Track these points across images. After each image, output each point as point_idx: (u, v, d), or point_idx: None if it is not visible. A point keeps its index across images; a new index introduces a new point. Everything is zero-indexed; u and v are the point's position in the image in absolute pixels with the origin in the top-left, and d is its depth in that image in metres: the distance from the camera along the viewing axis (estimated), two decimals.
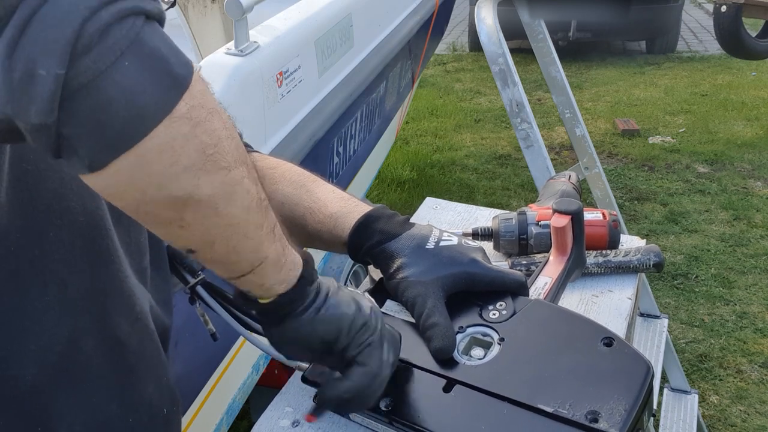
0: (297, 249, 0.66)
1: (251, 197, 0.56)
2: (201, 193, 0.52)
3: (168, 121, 0.48)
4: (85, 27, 0.44)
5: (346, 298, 0.68)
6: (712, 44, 6.88)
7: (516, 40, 3.86)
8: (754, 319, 3.08)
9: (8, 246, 0.59)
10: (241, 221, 0.56)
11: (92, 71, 0.45)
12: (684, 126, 5.29)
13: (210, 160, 0.51)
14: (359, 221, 0.83)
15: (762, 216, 3.93)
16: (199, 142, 0.50)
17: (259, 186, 0.58)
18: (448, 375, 0.75)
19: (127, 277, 0.70)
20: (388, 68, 2.78)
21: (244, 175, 0.55)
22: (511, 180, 4.54)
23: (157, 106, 0.48)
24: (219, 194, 0.53)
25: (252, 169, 0.57)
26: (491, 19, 1.85)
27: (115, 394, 0.68)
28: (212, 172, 0.52)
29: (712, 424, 2.53)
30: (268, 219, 0.59)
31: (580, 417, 0.67)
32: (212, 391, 1.73)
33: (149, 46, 0.47)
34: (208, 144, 0.51)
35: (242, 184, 0.55)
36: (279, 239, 0.61)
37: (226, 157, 0.52)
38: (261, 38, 1.83)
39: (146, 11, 0.48)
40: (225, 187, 0.53)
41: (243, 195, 0.55)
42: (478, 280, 0.81)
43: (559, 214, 0.92)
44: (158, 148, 0.48)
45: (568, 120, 2.31)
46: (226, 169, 0.53)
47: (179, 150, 0.49)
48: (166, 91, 0.48)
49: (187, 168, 0.50)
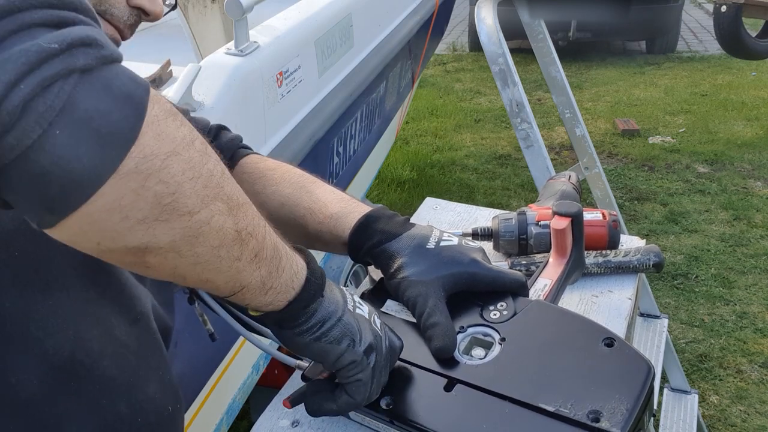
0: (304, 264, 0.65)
1: (223, 234, 0.53)
2: (159, 241, 0.50)
3: (114, 180, 0.46)
4: (2, 106, 0.43)
5: (342, 331, 0.67)
6: (712, 44, 6.88)
7: (516, 40, 3.86)
8: (754, 319, 3.08)
9: (12, 251, 0.59)
10: (210, 258, 0.54)
11: (19, 147, 0.43)
12: (684, 126, 5.30)
13: (167, 209, 0.49)
14: (359, 221, 0.83)
15: (762, 216, 3.93)
16: (152, 194, 0.48)
17: (240, 215, 0.55)
18: (449, 374, 0.75)
19: (127, 279, 0.70)
20: (388, 68, 2.78)
21: (215, 212, 0.52)
22: (511, 180, 4.54)
23: (97, 170, 0.45)
24: (180, 240, 0.51)
25: (231, 197, 0.54)
26: (491, 19, 1.85)
27: (121, 395, 0.68)
28: (170, 221, 0.50)
29: (712, 424, 2.53)
30: (247, 249, 0.56)
31: (581, 416, 0.67)
32: (212, 391, 1.73)
33: (82, 108, 0.45)
34: (164, 193, 0.48)
35: (210, 224, 0.52)
36: (267, 263, 0.59)
37: (187, 202, 0.50)
38: (261, 38, 1.83)
39: (81, 67, 0.45)
40: (187, 232, 0.51)
41: (211, 235, 0.52)
42: (478, 280, 0.81)
43: (558, 217, 0.92)
44: (105, 207, 0.47)
45: (568, 120, 2.31)
46: (187, 214, 0.50)
47: (129, 206, 0.47)
48: (107, 152, 0.45)
49: (141, 221, 0.48)
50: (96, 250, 0.50)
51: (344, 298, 0.69)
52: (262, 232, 0.58)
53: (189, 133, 0.51)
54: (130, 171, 0.46)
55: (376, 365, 0.69)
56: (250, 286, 0.59)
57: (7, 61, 0.43)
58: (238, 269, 0.56)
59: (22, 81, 0.43)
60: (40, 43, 0.44)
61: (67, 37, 0.45)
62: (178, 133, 0.50)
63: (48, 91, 0.44)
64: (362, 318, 0.69)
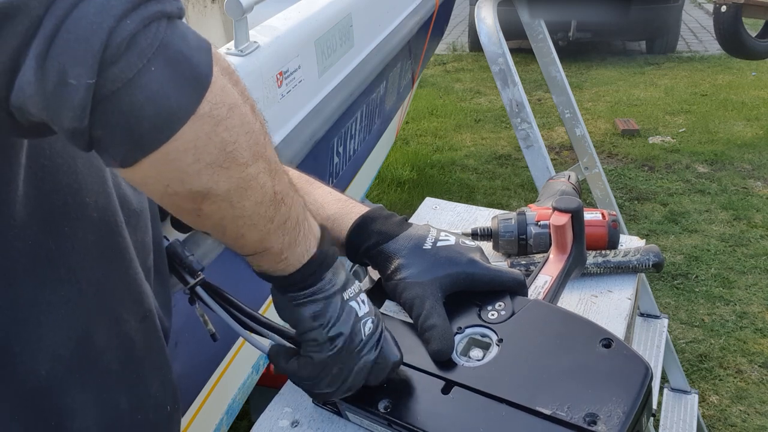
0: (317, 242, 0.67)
1: (264, 192, 0.58)
2: (219, 188, 0.54)
3: (192, 122, 0.50)
4: (112, 37, 0.45)
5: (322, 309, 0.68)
6: (712, 44, 6.88)
7: (516, 40, 3.85)
8: (754, 319, 3.08)
9: (25, 240, 0.59)
10: (252, 214, 0.58)
11: (121, 79, 0.46)
12: (684, 126, 5.29)
13: (229, 157, 0.53)
14: (356, 222, 0.83)
15: (762, 216, 3.93)
16: (220, 140, 0.52)
17: (277, 179, 0.59)
18: (446, 377, 0.75)
19: (137, 274, 0.70)
20: (388, 68, 2.78)
21: (261, 170, 0.56)
22: (511, 180, 4.54)
23: (182, 108, 0.49)
24: (235, 189, 0.55)
25: (272, 160, 0.58)
26: (491, 19, 1.85)
27: (124, 390, 0.69)
28: (230, 169, 0.53)
29: (712, 424, 2.53)
30: (279, 213, 0.60)
31: (578, 419, 0.67)
32: (212, 391, 1.73)
33: (173, 49, 0.48)
34: (228, 141, 0.52)
35: (257, 179, 0.56)
36: (290, 232, 0.63)
37: (243, 154, 0.54)
38: (261, 38, 1.83)
39: (168, 13, 0.48)
40: (241, 183, 0.55)
41: (257, 190, 0.57)
42: (476, 280, 0.81)
43: (558, 213, 0.92)
44: (183, 147, 0.50)
45: (568, 120, 2.31)
46: (243, 165, 0.54)
47: (202, 148, 0.51)
48: (190, 93, 0.49)
49: (209, 165, 0.52)
50: (162, 192, 0.53)
51: (345, 286, 0.70)
52: (290, 201, 0.62)
53: (242, 93, 0.55)
54: (205, 114, 0.50)
55: (335, 356, 0.69)
56: (271, 251, 0.63)
57: None
58: (268, 231, 0.61)
59: (128, 17, 0.46)
60: None
61: None
62: (236, 88, 0.54)
63: (148, 29, 0.47)
64: (351, 310, 0.70)
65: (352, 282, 0.72)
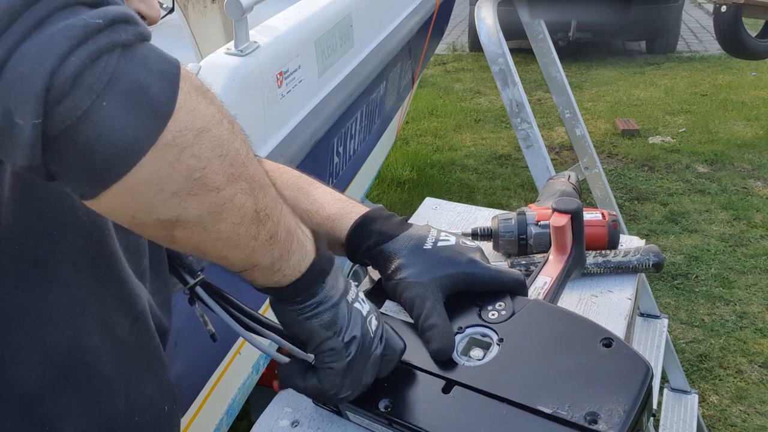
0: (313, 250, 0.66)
1: (243, 213, 0.56)
2: (189, 215, 0.52)
3: (153, 152, 0.48)
4: (55, 77, 0.44)
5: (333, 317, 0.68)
6: (712, 44, 6.88)
7: (516, 40, 3.85)
8: (754, 319, 3.08)
9: (13, 244, 0.59)
10: (231, 236, 0.56)
11: (69, 118, 0.45)
12: (684, 126, 5.29)
13: (198, 183, 0.51)
14: (357, 222, 0.83)
15: (762, 216, 3.93)
16: (186, 167, 0.50)
17: (260, 196, 0.57)
18: (447, 376, 0.75)
19: (128, 276, 0.70)
20: (388, 68, 2.78)
21: (238, 191, 0.54)
22: (511, 180, 4.54)
23: (139, 141, 0.47)
24: (207, 214, 0.53)
25: (254, 178, 0.56)
26: (491, 19, 1.85)
27: (119, 393, 0.68)
28: (200, 195, 0.52)
29: (712, 424, 2.53)
30: (264, 229, 0.58)
31: (579, 418, 0.67)
32: (212, 391, 1.73)
33: (127, 81, 0.46)
34: (196, 168, 0.50)
35: (233, 202, 0.54)
36: (281, 246, 0.61)
37: (215, 178, 0.52)
38: (261, 38, 1.83)
39: (122, 43, 0.46)
40: (213, 207, 0.53)
41: (233, 212, 0.55)
42: (476, 280, 0.81)
43: (558, 213, 0.92)
44: (145, 179, 0.48)
45: (568, 120, 2.31)
46: (215, 189, 0.52)
47: (166, 178, 0.49)
48: (148, 124, 0.47)
49: (175, 193, 0.50)
50: (130, 222, 0.52)
51: (346, 289, 0.70)
52: (278, 215, 0.60)
53: (218, 111, 0.53)
54: (167, 143, 0.48)
55: (353, 360, 0.70)
56: (261, 266, 0.61)
57: (56, 35, 0.44)
58: (253, 248, 0.59)
59: (73, 53, 0.44)
60: (85, 19, 0.45)
61: (109, 13, 0.46)
62: (208, 110, 0.52)
63: (96, 64, 0.45)
64: (357, 312, 0.70)
65: (350, 282, 0.72)
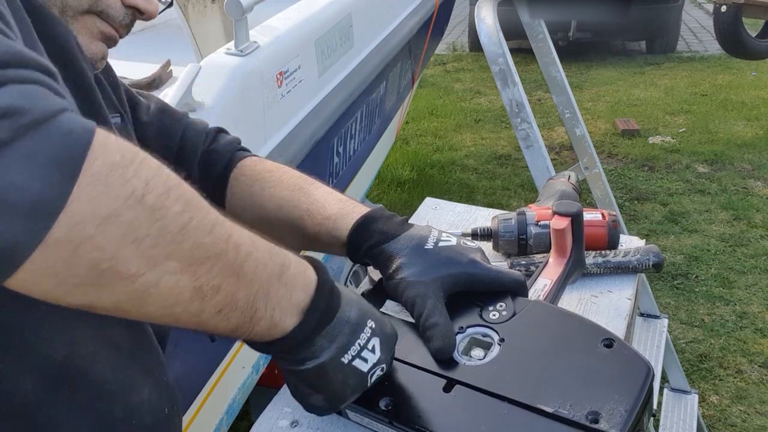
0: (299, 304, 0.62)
1: (177, 294, 0.51)
2: (101, 303, 0.49)
3: (40, 251, 0.44)
4: None
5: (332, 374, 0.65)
6: (712, 44, 6.88)
7: (516, 40, 3.86)
8: (754, 319, 3.08)
9: None
10: (163, 315, 0.52)
11: None
12: (684, 126, 5.30)
13: (105, 274, 0.47)
14: (358, 222, 0.83)
15: (762, 216, 3.93)
16: (87, 261, 0.46)
17: (201, 270, 0.52)
18: (448, 375, 0.75)
19: None
20: (388, 68, 2.78)
21: (164, 273, 0.49)
22: (511, 180, 4.54)
23: (19, 245, 0.44)
24: (125, 302, 0.49)
25: (191, 253, 0.51)
26: (491, 19, 1.85)
27: (116, 398, 0.68)
28: (111, 285, 0.48)
29: (712, 424, 2.53)
30: (209, 304, 0.53)
31: (580, 417, 0.67)
32: (212, 391, 1.73)
33: None
34: (100, 259, 0.46)
35: (159, 285, 0.49)
36: (238, 315, 0.56)
37: (129, 266, 0.47)
38: (261, 38, 1.83)
39: None
40: (131, 295, 0.49)
41: (161, 296, 0.50)
42: (477, 280, 0.81)
43: (558, 216, 0.92)
44: (36, 276, 0.45)
45: (568, 120, 2.31)
46: (130, 278, 0.48)
47: (62, 273, 0.46)
48: (28, 226, 0.43)
49: (78, 286, 0.47)
50: (45, 299, 0.48)
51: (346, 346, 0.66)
52: (234, 284, 0.55)
53: (142, 185, 0.47)
54: (58, 240, 0.44)
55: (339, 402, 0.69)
56: (217, 331, 0.57)
57: None
58: (199, 322, 0.55)
59: None
60: None
61: None
62: (123, 190, 0.46)
63: None
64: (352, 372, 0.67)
65: (362, 328, 0.66)
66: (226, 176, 0.93)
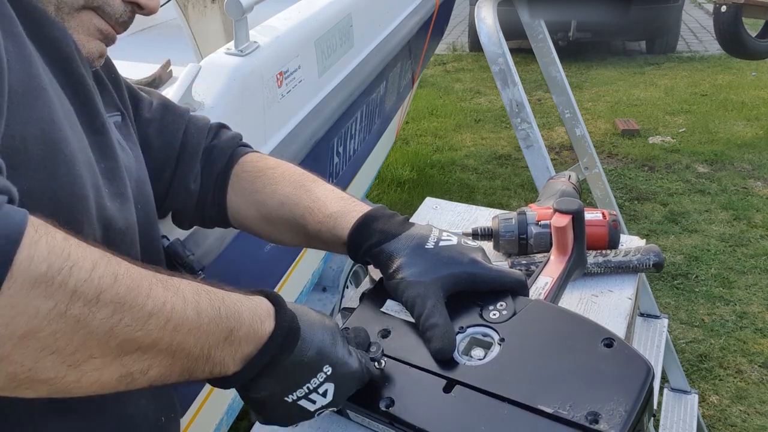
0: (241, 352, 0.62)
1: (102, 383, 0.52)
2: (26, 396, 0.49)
3: None
4: None
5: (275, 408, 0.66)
6: (712, 44, 6.88)
7: (516, 40, 3.86)
8: (754, 319, 3.08)
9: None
10: (96, 391, 0.53)
11: None
12: (684, 126, 5.29)
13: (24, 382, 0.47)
14: (358, 221, 0.82)
15: (762, 216, 3.93)
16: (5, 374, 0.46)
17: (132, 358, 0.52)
18: (448, 375, 0.75)
19: None
20: (388, 68, 2.78)
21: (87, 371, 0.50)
22: (511, 180, 4.54)
23: None
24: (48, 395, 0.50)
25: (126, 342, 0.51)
26: (491, 19, 1.85)
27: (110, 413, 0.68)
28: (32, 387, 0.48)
29: (712, 424, 2.53)
30: (142, 380, 0.54)
31: (580, 418, 0.67)
32: (212, 391, 1.73)
33: None
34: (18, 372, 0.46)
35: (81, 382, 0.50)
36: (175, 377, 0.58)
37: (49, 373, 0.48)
38: (261, 38, 1.83)
39: None
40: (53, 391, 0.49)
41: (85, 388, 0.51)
42: (478, 280, 0.80)
43: (559, 214, 0.92)
44: None
45: (568, 120, 2.31)
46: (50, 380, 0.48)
47: None
48: None
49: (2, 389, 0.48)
50: None
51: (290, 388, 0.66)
52: (167, 366, 0.55)
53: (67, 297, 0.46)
54: None
55: None
56: None
57: None
58: (132, 389, 0.55)
59: None
60: None
61: None
62: (45, 305, 0.45)
63: None
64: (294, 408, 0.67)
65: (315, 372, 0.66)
66: (227, 172, 0.93)
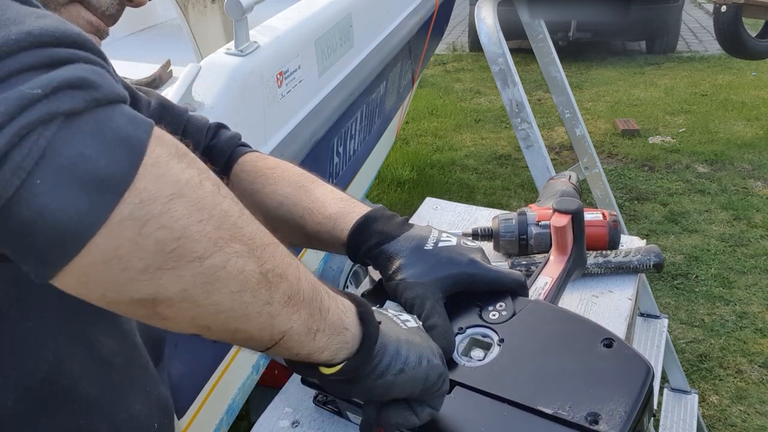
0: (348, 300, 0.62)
1: (245, 277, 0.49)
2: (168, 291, 0.46)
3: (106, 229, 0.43)
4: None
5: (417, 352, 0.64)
6: (712, 44, 6.88)
7: (516, 40, 3.86)
8: (754, 319, 3.08)
9: None
10: (233, 305, 0.50)
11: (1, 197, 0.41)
12: (684, 126, 5.29)
13: (172, 256, 0.45)
14: (358, 222, 0.82)
15: (762, 216, 3.93)
16: (154, 241, 0.44)
17: (266, 256, 0.51)
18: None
19: None
20: (388, 68, 2.78)
21: (231, 255, 0.48)
22: (511, 180, 4.54)
23: (85, 219, 0.42)
24: (193, 288, 0.47)
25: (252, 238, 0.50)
26: (491, 19, 1.85)
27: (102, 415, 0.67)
28: (178, 268, 0.46)
29: (712, 424, 2.53)
30: (278, 292, 0.52)
31: (580, 419, 0.67)
32: (212, 391, 1.73)
33: (65, 155, 0.42)
34: (167, 239, 0.45)
35: (227, 269, 0.48)
36: (307, 304, 0.55)
37: (196, 246, 0.46)
38: (261, 38, 1.83)
39: (63, 113, 0.42)
40: (199, 278, 0.47)
41: (230, 280, 0.49)
42: (477, 280, 0.80)
43: (559, 214, 0.92)
44: (101, 258, 0.43)
45: (568, 120, 2.31)
46: (198, 259, 0.46)
47: (128, 255, 0.44)
48: (95, 199, 0.42)
49: (144, 271, 0.45)
50: (102, 301, 0.47)
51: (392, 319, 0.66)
52: (296, 272, 0.54)
53: (198, 173, 0.48)
54: (124, 218, 0.43)
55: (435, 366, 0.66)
56: (292, 332, 0.55)
57: None
58: (270, 314, 0.52)
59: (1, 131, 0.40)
60: (22, 90, 0.41)
61: (54, 79, 0.42)
62: (183, 174, 0.46)
63: (26, 140, 0.41)
64: (414, 329, 0.67)
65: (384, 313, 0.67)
66: (226, 172, 0.93)
